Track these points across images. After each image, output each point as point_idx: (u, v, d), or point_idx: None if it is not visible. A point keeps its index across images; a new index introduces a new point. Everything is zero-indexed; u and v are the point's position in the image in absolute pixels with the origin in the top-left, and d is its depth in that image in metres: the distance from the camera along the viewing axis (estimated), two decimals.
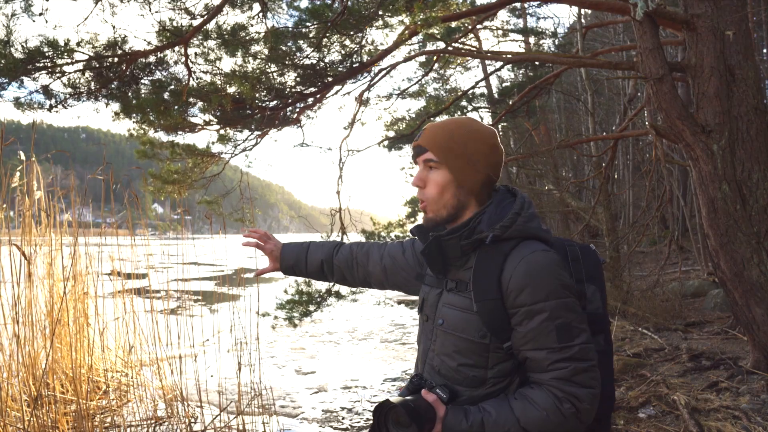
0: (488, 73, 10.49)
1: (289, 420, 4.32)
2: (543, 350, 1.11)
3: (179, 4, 5.12)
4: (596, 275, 1.26)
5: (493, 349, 1.17)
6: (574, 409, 1.09)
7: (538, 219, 1.23)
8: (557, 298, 1.11)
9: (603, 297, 1.26)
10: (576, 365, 1.10)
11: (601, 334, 1.23)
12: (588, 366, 1.11)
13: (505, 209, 1.21)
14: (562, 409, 1.09)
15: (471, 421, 1.12)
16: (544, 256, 1.14)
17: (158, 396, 4.01)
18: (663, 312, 6.35)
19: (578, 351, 1.10)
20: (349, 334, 8.11)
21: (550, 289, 1.11)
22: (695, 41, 3.56)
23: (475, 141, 1.22)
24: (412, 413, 1.11)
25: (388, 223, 6.93)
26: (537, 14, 11.41)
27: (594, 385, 1.11)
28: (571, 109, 16.07)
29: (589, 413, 1.11)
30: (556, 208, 11.95)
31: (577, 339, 1.11)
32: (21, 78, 4.56)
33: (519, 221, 1.18)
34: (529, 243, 1.17)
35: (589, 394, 1.10)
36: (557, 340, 1.10)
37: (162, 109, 4.99)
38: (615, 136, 6.67)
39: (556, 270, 1.13)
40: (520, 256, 1.14)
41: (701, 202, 3.61)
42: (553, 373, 1.11)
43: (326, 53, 5.64)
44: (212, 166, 6.46)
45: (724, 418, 3.09)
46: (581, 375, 1.10)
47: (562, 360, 1.10)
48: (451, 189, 1.22)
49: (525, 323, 1.12)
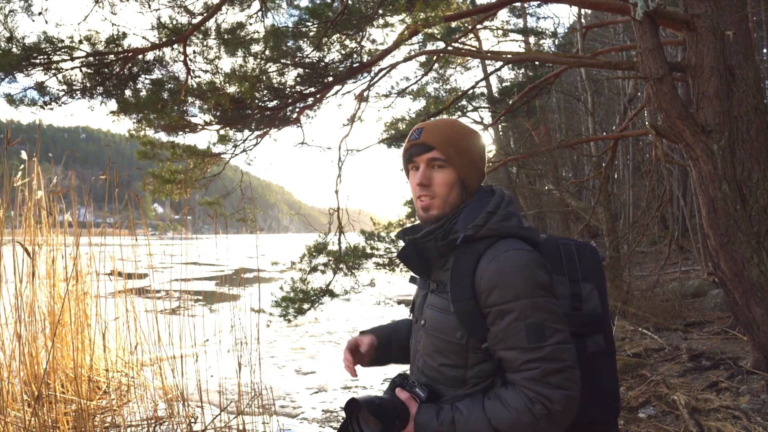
0: (488, 73, 10.49)
1: (289, 420, 4.32)
2: (514, 350, 1.09)
3: (179, 2, 5.12)
4: (593, 274, 1.24)
5: (472, 349, 1.16)
6: (546, 410, 1.06)
7: (518, 217, 1.21)
8: (527, 297, 1.08)
9: (602, 296, 1.23)
10: (547, 366, 1.07)
11: (600, 333, 1.21)
12: (561, 367, 1.07)
13: (481, 208, 1.20)
14: (533, 410, 1.06)
15: (442, 419, 1.12)
16: (516, 255, 1.12)
17: (158, 396, 4.01)
18: (663, 312, 6.35)
19: (551, 351, 1.07)
20: (349, 334, 8.11)
21: (520, 288, 1.09)
22: (695, 41, 3.56)
23: (475, 140, 1.25)
24: (377, 411, 1.12)
25: (388, 223, 6.95)
26: (537, 14, 11.42)
27: (568, 386, 1.07)
28: (571, 109, 16.07)
29: (563, 415, 1.07)
30: (556, 208, 11.96)
31: (550, 339, 1.08)
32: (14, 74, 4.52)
33: (493, 220, 1.17)
34: (505, 242, 1.15)
35: (562, 396, 1.06)
36: (527, 340, 1.08)
37: (160, 108, 4.98)
38: (615, 136, 6.67)
39: (528, 269, 1.11)
40: (492, 256, 1.13)
41: (701, 202, 3.61)
42: (524, 374, 1.09)
43: (326, 53, 5.64)
44: (212, 166, 6.47)
45: (724, 418, 3.09)
46: (553, 376, 1.07)
47: (533, 360, 1.08)
48: (457, 188, 1.24)
49: (497, 323, 1.11)
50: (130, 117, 5.23)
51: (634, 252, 8.74)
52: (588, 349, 1.21)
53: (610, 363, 1.23)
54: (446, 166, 1.23)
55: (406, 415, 1.15)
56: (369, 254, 6.22)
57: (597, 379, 1.20)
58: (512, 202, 1.23)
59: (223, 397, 4.34)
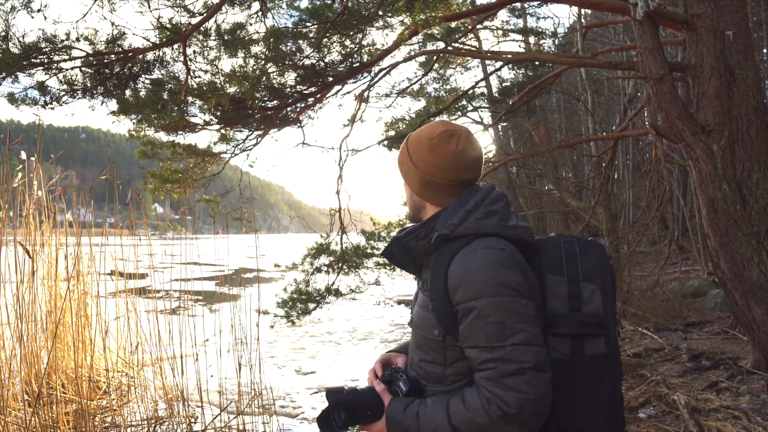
0: (488, 73, 10.49)
1: (289, 420, 4.32)
2: (475, 349, 1.09)
3: (179, 2, 5.12)
4: (596, 274, 1.18)
5: (449, 347, 1.17)
6: (501, 412, 1.04)
7: (500, 215, 1.19)
8: (489, 296, 1.08)
9: (606, 297, 1.17)
10: (504, 367, 1.05)
11: (601, 337, 1.16)
12: (518, 369, 1.05)
13: (461, 207, 1.21)
14: (488, 411, 1.05)
15: (407, 413, 1.14)
16: (484, 254, 1.11)
17: (158, 396, 4.01)
18: (663, 312, 6.35)
19: (509, 352, 1.05)
20: (349, 334, 8.11)
21: (482, 287, 1.08)
22: (695, 41, 3.56)
23: (415, 145, 1.28)
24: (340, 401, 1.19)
25: (388, 223, 6.95)
26: (537, 14, 11.41)
27: (526, 390, 1.04)
28: (571, 109, 16.07)
29: (519, 418, 1.04)
30: (556, 208, 11.96)
31: (510, 339, 1.06)
32: (16, 73, 4.53)
33: (470, 219, 1.17)
34: (479, 240, 1.15)
35: (517, 399, 1.04)
36: (486, 339, 1.07)
37: (160, 108, 4.99)
38: (615, 136, 6.67)
39: (493, 268, 1.10)
40: (463, 254, 1.13)
41: (701, 202, 3.61)
42: (482, 373, 1.09)
43: (326, 53, 5.64)
44: (212, 166, 6.47)
45: (724, 418, 3.09)
46: (509, 378, 1.05)
47: (490, 360, 1.07)
48: (408, 191, 1.34)
49: (463, 321, 1.12)
50: (130, 117, 5.23)
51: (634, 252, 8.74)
52: (586, 352, 1.15)
53: (610, 369, 1.16)
54: (401, 175, 1.35)
55: (380, 406, 1.19)
56: (370, 254, 6.23)
57: (592, 384, 1.14)
58: (498, 200, 1.22)
59: (223, 397, 4.34)
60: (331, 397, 1.19)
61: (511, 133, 15.44)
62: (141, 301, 4.57)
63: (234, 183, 5.81)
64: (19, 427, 3.11)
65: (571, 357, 1.15)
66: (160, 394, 4.00)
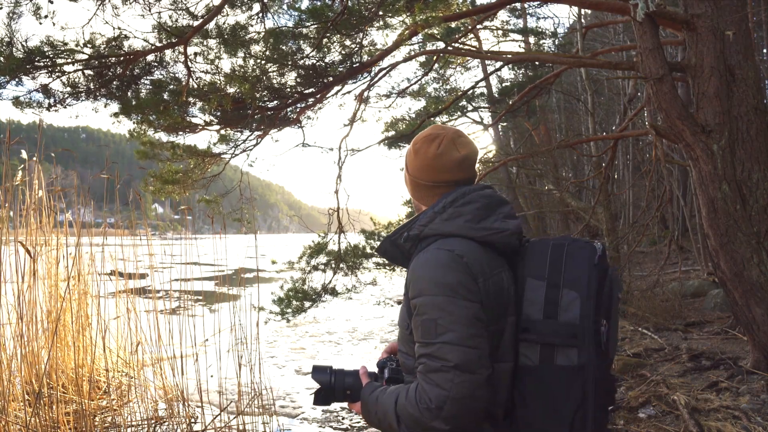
0: (488, 73, 10.48)
1: (289, 420, 4.32)
2: (416, 343, 1.15)
3: (180, 5, 5.13)
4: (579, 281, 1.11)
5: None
6: (425, 405, 1.07)
7: (468, 216, 1.18)
8: (427, 295, 1.12)
9: (585, 306, 1.10)
10: (430, 363, 1.09)
11: (574, 348, 1.09)
12: (440, 366, 1.06)
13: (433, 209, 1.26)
14: (419, 404, 1.09)
15: (371, 396, 1.24)
16: (430, 255, 1.16)
17: (159, 396, 4.01)
18: (663, 312, 6.35)
19: (437, 349, 1.08)
20: (349, 334, 8.11)
21: (423, 286, 1.13)
22: (695, 41, 3.56)
23: (409, 150, 1.35)
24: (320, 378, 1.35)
25: (388, 223, 6.95)
26: (537, 14, 11.39)
27: (447, 387, 1.05)
28: (571, 109, 16.06)
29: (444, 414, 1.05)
30: (556, 208, 11.96)
31: (440, 337, 1.08)
32: (20, 77, 4.56)
33: (436, 220, 1.21)
34: (439, 241, 1.18)
35: (439, 395, 1.05)
36: (421, 335, 1.12)
37: (161, 109, 4.99)
38: (615, 136, 6.67)
39: (434, 268, 1.13)
40: (418, 255, 1.21)
41: (701, 202, 3.61)
42: (419, 367, 1.13)
43: (326, 53, 5.64)
44: (212, 167, 6.47)
45: (724, 418, 3.09)
46: (434, 374, 1.07)
47: (423, 355, 1.11)
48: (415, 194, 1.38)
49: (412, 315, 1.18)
50: (131, 118, 5.24)
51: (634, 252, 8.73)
52: (556, 362, 1.11)
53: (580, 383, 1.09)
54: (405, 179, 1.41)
55: (360, 388, 1.30)
56: (369, 254, 6.23)
57: (557, 396, 1.10)
58: (473, 201, 1.20)
59: (223, 397, 4.34)
60: (315, 376, 1.34)
61: (511, 133, 15.43)
62: (141, 301, 4.57)
63: (234, 183, 5.80)
64: (20, 426, 3.12)
65: (539, 366, 1.12)
66: (160, 394, 4.00)
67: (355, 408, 1.32)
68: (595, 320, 1.11)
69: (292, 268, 6.09)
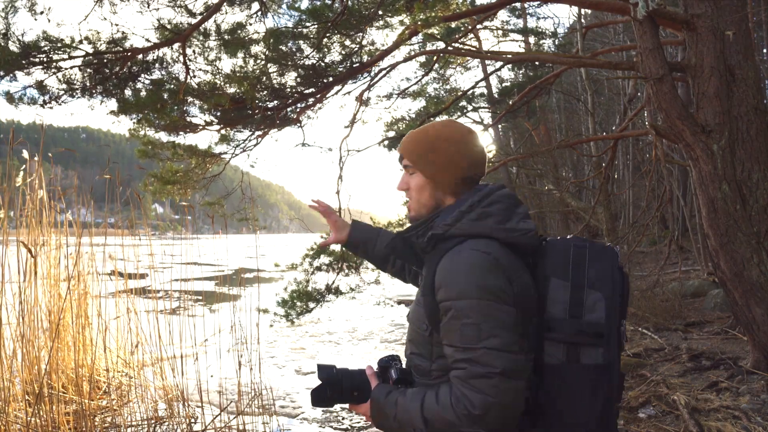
0: (488, 73, 10.48)
1: (289, 420, 4.32)
2: (451, 347, 1.12)
3: (179, 2, 5.12)
4: (605, 282, 1.15)
5: (435, 342, 1.20)
6: (467, 411, 1.06)
7: (497, 217, 1.19)
8: (469, 298, 1.09)
9: (610, 306, 1.13)
10: (474, 369, 1.07)
11: (600, 347, 1.12)
12: (486, 372, 1.06)
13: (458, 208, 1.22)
14: (456, 409, 1.07)
15: (388, 398, 1.19)
16: (470, 256, 1.12)
17: (159, 396, 4.01)
18: (663, 312, 6.35)
19: (481, 355, 1.06)
20: (349, 334, 8.11)
21: (463, 288, 1.10)
22: (695, 41, 3.56)
23: (442, 142, 1.27)
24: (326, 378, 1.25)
25: (388, 223, 6.95)
26: (537, 14, 11.40)
27: (493, 393, 1.05)
28: (571, 109, 16.07)
29: (484, 420, 1.06)
30: (556, 208, 11.96)
31: (484, 342, 1.07)
32: (14, 72, 4.53)
33: (464, 220, 1.18)
34: (469, 242, 1.16)
35: (483, 402, 1.05)
36: (460, 339, 1.09)
37: (160, 108, 4.99)
38: (615, 136, 6.67)
39: (475, 270, 1.11)
40: (450, 255, 1.16)
41: (701, 202, 3.61)
42: (454, 372, 1.11)
43: (326, 53, 5.64)
44: (213, 167, 6.47)
45: (724, 418, 3.10)
46: (477, 380, 1.06)
47: (462, 360, 1.09)
48: (427, 190, 1.29)
49: (442, 318, 1.15)
50: (130, 117, 5.23)
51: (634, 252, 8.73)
52: (581, 361, 1.13)
53: (606, 381, 1.12)
54: (415, 171, 1.30)
55: (367, 389, 1.24)
56: None
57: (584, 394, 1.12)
58: (498, 201, 1.21)
59: (223, 397, 4.34)
60: (322, 374, 1.25)
61: (511, 133, 15.44)
62: (141, 301, 4.57)
63: (234, 183, 5.81)
64: (20, 426, 3.12)
65: (565, 364, 1.14)
66: (160, 394, 4.00)
67: (359, 410, 1.27)
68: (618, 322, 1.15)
69: (294, 269, 6.09)
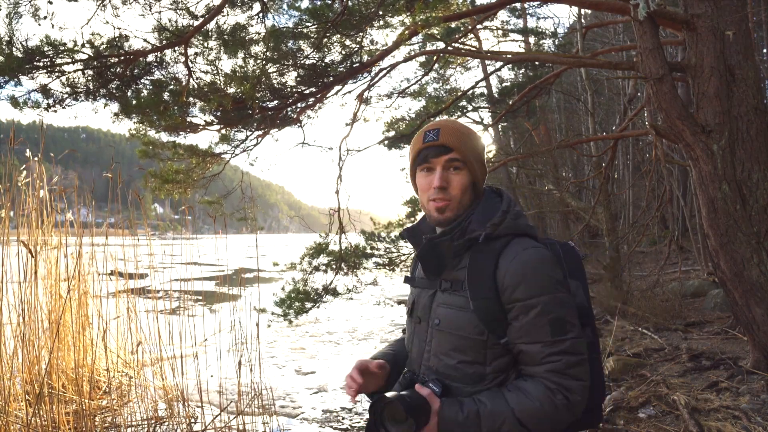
0: (488, 73, 10.48)
1: (289, 420, 4.32)
2: (537, 344, 1.15)
3: (181, 5, 5.12)
4: (577, 271, 1.30)
5: (491, 345, 1.19)
6: (566, 401, 1.13)
7: (525, 216, 1.27)
8: (550, 293, 1.15)
9: (586, 291, 1.30)
10: (568, 358, 1.13)
11: (588, 326, 1.26)
12: (580, 359, 1.15)
13: (494, 208, 1.26)
14: (555, 400, 1.12)
15: (467, 413, 1.13)
16: (537, 253, 1.18)
17: (159, 396, 4.01)
18: (663, 312, 6.35)
19: (570, 345, 1.14)
20: (349, 334, 8.11)
21: (543, 284, 1.15)
22: (695, 41, 3.56)
23: (481, 141, 1.31)
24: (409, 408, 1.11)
25: (388, 223, 6.95)
26: (537, 14, 11.39)
27: (585, 378, 1.15)
28: (571, 109, 16.07)
29: (580, 405, 1.14)
30: (556, 208, 11.96)
31: (570, 333, 1.14)
32: (19, 77, 4.53)
33: (508, 219, 1.23)
34: (521, 240, 1.21)
35: (580, 387, 1.14)
36: (550, 333, 1.14)
37: (162, 109, 4.99)
38: (615, 136, 6.67)
39: (549, 266, 1.18)
40: (513, 253, 1.18)
41: (701, 202, 3.61)
42: (546, 366, 1.14)
43: (326, 53, 5.64)
44: (213, 166, 6.47)
45: (724, 418, 3.10)
46: (574, 368, 1.14)
47: (555, 353, 1.14)
48: (470, 190, 1.27)
49: (521, 318, 1.16)
50: (131, 118, 5.23)
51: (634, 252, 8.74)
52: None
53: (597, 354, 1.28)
54: (463, 168, 1.25)
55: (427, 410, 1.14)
56: (369, 254, 6.22)
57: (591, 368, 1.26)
58: (517, 202, 1.30)
59: (223, 397, 4.34)
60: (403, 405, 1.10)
61: (511, 133, 15.42)
62: (141, 301, 4.57)
63: (234, 183, 5.81)
64: (20, 426, 3.12)
65: None
66: (160, 394, 4.00)
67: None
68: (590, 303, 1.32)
69: (294, 268, 6.09)
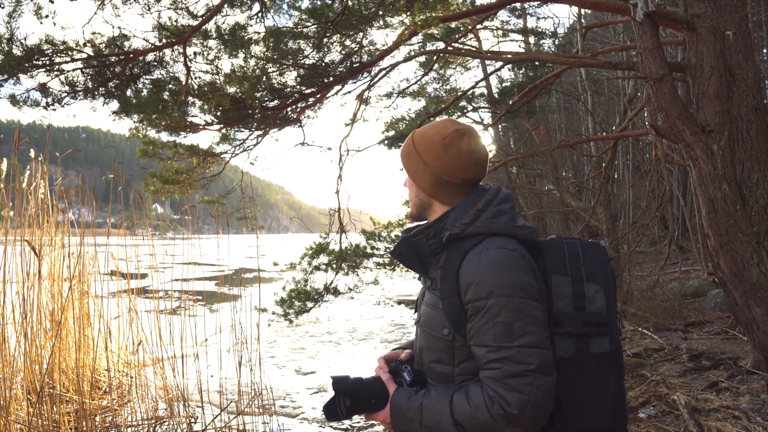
0: (488, 73, 10.48)
1: (289, 420, 4.32)
2: (482, 347, 1.10)
3: (180, 4, 5.12)
4: (599, 274, 1.19)
5: (458, 346, 1.18)
6: (503, 411, 1.05)
7: (510, 215, 1.21)
8: (500, 296, 1.08)
9: (608, 296, 1.18)
10: (509, 368, 1.06)
11: (606, 336, 1.17)
12: (522, 370, 1.05)
13: (471, 207, 1.22)
14: (491, 410, 1.06)
15: (412, 403, 1.16)
16: (497, 254, 1.12)
17: (159, 396, 4.01)
18: (663, 312, 6.35)
19: (515, 353, 1.06)
20: (349, 334, 8.11)
21: (494, 286, 1.09)
22: (695, 41, 3.56)
23: (427, 143, 1.27)
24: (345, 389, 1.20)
25: (388, 223, 6.95)
26: (537, 14, 11.39)
27: (528, 392, 1.05)
28: (571, 109, 16.07)
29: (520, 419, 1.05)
30: (556, 208, 11.96)
31: (518, 341, 1.07)
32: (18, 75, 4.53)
33: (482, 218, 1.18)
34: (492, 240, 1.16)
35: (519, 400, 1.05)
36: (494, 339, 1.08)
37: (161, 109, 4.99)
38: (615, 136, 6.67)
39: (505, 268, 1.11)
40: (475, 253, 1.14)
41: (701, 202, 3.61)
42: (487, 372, 1.09)
43: (326, 53, 5.64)
44: (213, 166, 6.48)
45: (724, 418, 3.10)
46: (513, 378, 1.06)
47: (496, 360, 1.08)
48: (414, 189, 1.33)
49: (472, 318, 1.12)
50: (131, 117, 5.23)
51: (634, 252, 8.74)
52: (591, 350, 1.16)
53: (615, 368, 1.17)
54: (407, 173, 1.33)
55: (385, 396, 1.21)
56: (369, 254, 6.23)
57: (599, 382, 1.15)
58: (507, 200, 1.23)
59: (223, 397, 4.35)
60: (337, 386, 1.20)
61: (511, 133, 15.44)
62: (142, 301, 4.57)
63: (234, 183, 5.82)
64: (21, 425, 3.12)
65: (577, 356, 1.15)
66: (161, 394, 4.00)
67: (377, 418, 1.23)
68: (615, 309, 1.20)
69: (294, 268, 6.09)
